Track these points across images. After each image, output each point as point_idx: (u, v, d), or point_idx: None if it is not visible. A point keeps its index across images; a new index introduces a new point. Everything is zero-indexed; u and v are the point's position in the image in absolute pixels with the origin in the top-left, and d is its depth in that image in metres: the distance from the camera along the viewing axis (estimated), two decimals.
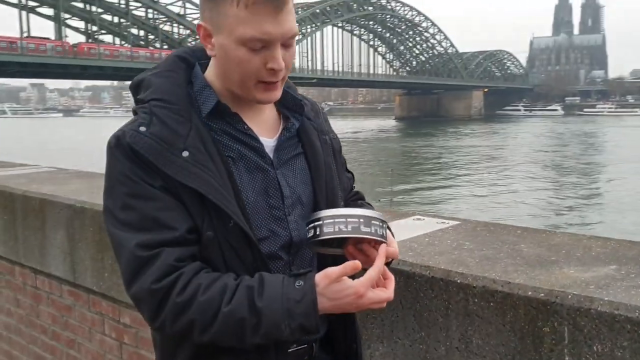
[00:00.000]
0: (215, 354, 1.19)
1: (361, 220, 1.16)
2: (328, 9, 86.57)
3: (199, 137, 1.19)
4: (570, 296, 1.40)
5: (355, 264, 1.11)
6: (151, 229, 1.13)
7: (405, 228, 2.11)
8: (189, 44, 66.11)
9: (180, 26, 68.33)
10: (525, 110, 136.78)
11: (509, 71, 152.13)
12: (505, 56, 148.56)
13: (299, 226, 1.26)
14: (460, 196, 26.03)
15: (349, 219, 1.16)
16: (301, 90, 1.42)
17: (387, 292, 1.15)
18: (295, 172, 1.31)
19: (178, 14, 66.14)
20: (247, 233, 1.17)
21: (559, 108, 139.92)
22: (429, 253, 1.75)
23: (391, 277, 1.19)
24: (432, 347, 1.65)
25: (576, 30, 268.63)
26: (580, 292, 1.40)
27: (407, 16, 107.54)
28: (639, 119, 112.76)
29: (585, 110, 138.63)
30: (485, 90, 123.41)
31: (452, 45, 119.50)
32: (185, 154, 1.16)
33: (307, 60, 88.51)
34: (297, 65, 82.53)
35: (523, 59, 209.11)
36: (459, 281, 1.57)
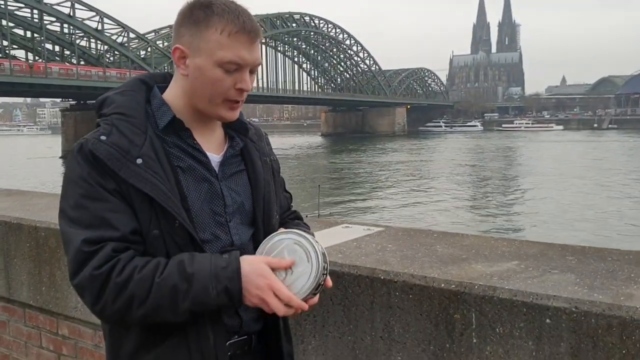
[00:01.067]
0: (158, 343, 1.34)
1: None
2: None
3: (152, 148, 1.35)
4: (476, 286, 1.62)
5: (284, 262, 1.31)
6: (98, 227, 1.27)
7: (334, 235, 2.30)
8: (107, 60, 64.85)
9: (98, 42, 66.08)
10: (446, 126, 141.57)
11: (430, 88, 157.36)
12: (427, 74, 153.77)
13: (239, 231, 1.44)
14: (385, 207, 27.00)
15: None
16: None
17: (291, 296, 1.28)
18: (237, 185, 1.49)
19: (95, 29, 63.89)
20: (191, 233, 1.34)
21: (478, 124, 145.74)
22: (356, 255, 1.94)
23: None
24: (359, 338, 1.84)
25: (494, 49, 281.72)
26: (485, 283, 1.62)
27: (331, 34, 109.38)
28: (554, 133, 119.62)
29: (503, 125, 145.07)
30: (408, 107, 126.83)
31: (375, 62, 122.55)
32: (139, 161, 1.31)
33: None
34: None
35: (443, 76, 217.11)
36: (382, 277, 1.77)
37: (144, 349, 1.36)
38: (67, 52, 66.07)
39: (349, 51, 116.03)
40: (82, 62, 64.63)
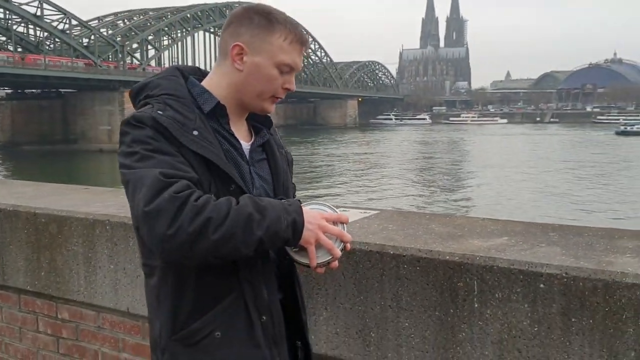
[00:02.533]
0: (214, 304, 1.47)
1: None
2: (199, 13, 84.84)
3: (203, 124, 1.51)
4: (478, 258, 1.84)
5: (334, 215, 1.54)
6: (171, 168, 1.37)
7: None
8: (47, 47, 61.86)
9: (37, 28, 63.11)
10: (396, 119, 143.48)
11: (381, 81, 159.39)
12: (377, 67, 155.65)
13: None
14: (348, 195, 27.65)
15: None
16: None
17: (341, 231, 1.52)
18: (262, 171, 1.67)
19: (34, 15, 60.77)
20: (246, 191, 1.50)
21: (427, 117, 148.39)
22: (363, 234, 2.14)
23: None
24: (369, 308, 2.04)
25: (442, 43, 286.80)
26: (485, 254, 1.85)
27: (297, 24, 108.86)
28: (499, 127, 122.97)
29: (451, 119, 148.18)
30: (360, 99, 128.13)
31: (326, 54, 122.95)
32: (195, 132, 1.47)
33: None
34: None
35: (393, 70, 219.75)
36: (391, 252, 1.97)
37: (199, 311, 1.47)
38: (3, 39, 63.12)
39: None
40: (19, 50, 61.84)
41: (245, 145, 1.64)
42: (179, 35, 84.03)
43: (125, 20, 79.33)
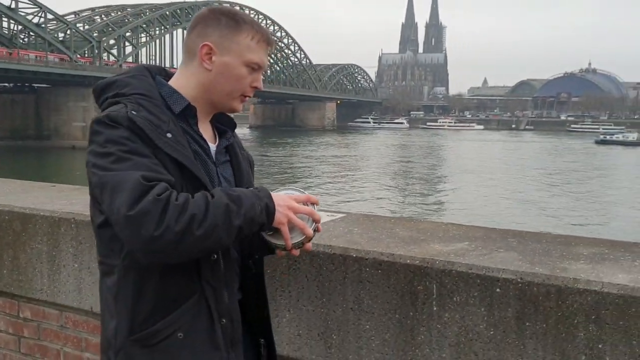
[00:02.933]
0: (175, 308, 1.48)
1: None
2: (178, 11, 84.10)
3: (175, 126, 1.52)
4: (437, 262, 1.88)
5: (302, 196, 1.59)
6: (150, 171, 1.38)
7: None
8: (21, 41, 60.43)
9: (11, 21, 61.72)
10: (374, 122, 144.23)
11: (359, 84, 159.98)
12: (356, 70, 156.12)
13: None
14: (323, 198, 27.78)
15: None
16: None
17: (311, 210, 1.57)
18: (226, 173, 1.70)
19: (8, 7, 58.99)
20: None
21: (404, 121, 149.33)
22: (327, 237, 2.15)
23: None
24: (332, 310, 2.06)
25: (421, 49, 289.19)
26: (445, 259, 1.88)
27: (262, 25, 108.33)
28: (475, 133, 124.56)
29: (428, 123, 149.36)
30: (338, 102, 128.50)
31: (306, 56, 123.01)
32: (169, 135, 1.48)
33: (156, 64, 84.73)
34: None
35: (372, 73, 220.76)
36: (354, 255, 2.00)
37: (161, 312, 1.47)
38: None
39: (280, 43, 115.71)
40: None
41: (212, 146, 1.66)
42: (157, 32, 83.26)
43: (103, 16, 78.48)
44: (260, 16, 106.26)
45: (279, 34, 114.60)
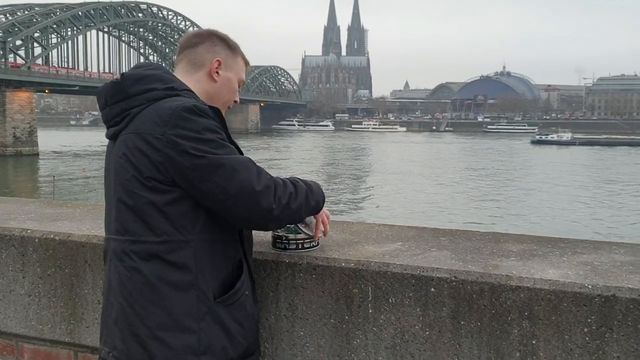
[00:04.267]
0: (236, 269, 1.74)
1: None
2: (92, 12, 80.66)
3: None
4: (372, 263, 1.84)
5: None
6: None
7: None
8: None
9: None
10: (299, 125, 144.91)
11: (283, 87, 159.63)
12: (280, 72, 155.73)
13: None
14: None
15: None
16: (62, 98, 1.96)
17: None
18: None
19: None
20: None
21: (330, 124, 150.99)
22: (258, 242, 2.07)
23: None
24: (264, 318, 1.98)
25: (344, 52, 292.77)
26: (379, 260, 1.85)
27: (180, 26, 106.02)
28: (398, 134, 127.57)
29: (353, 126, 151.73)
30: (262, 104, 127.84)
31: None
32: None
33: (68, 66, 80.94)
34: (54, 71, 74.74)
35: (296, 75, 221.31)
36: (287, 261, 1.93)
37: (234, 276, 1.71)
38: None
39: None
40: None
41: None
42: (70, 34, 79.51)
43: (8, 15, 73.99)
44: (179, 17, 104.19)
45: None
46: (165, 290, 1.61)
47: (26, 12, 74.39)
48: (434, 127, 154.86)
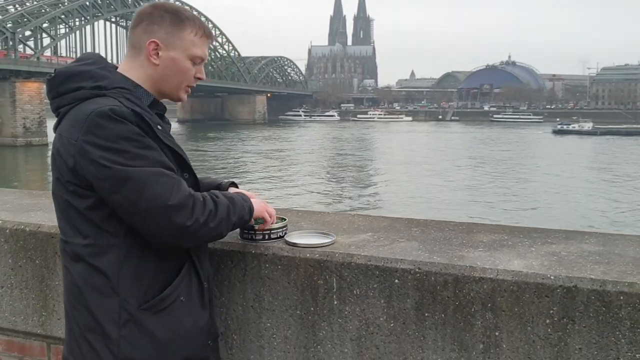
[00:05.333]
0: (171, 272, 1.65)
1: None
2: (99, 2, 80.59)
3: (155, 118, 1.65)
4: (337, 254, 1.82)
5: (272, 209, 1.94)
6: (165, 167, 1.55)
7: None
8: None
9: None
10: (305, 115, 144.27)
11: (290, 77, 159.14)
12: (286, 62, 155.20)
13: None
14: (260, 193, 27.55)
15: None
16: None
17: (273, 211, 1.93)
18: None
19: None
20: (197, 179, 1.77)
21: (335, 114, 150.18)
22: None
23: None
24: (232, 309, 1.97)
25: (350, 41, 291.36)
26: (344, 251, 1.83)
27: (202, 19, 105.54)
28: (404, 124, 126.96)
29: (358, 116, 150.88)
30: (269, 95, 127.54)
31: (234, 48, 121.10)
32: (159, 127, 1.62)
33: (76, 57, 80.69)
34: (62, 61, 74.88)
35: (302, 66, 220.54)
36: (253, 251, 1.91)
37: (165, 280, 1.62)
38: None
39: None
40: None
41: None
42: (77, 24, 79.52)
43: (17, 6, 74.16)
44: (187, 7, 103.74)
45: None
46: (90, 293, 1.59)
47: (35, 3, 74.39)
48: (440, 117, 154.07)
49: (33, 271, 2.26)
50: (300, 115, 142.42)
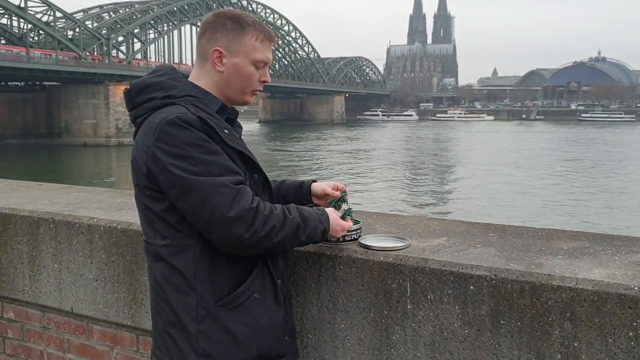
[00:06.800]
0: (245, 270, 1.70)
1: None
2: (186, 7, 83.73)
3: (223, 123, 1.71)
4: (411, 259, 1.83)
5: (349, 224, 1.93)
6: (232, 173, 1.60)
7: None
8: (31, 39, 60.39)
9: (21, 20, 61.59)
10: (383, 115, 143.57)
11: (368, 77, 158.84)
12: (365, 63, 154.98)
13: None
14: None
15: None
16: None
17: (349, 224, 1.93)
18: None
19: (18, 6, 58.91)
20: (268, 179, 1.81)
21: (414, 113, 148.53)
22: None
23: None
24: (307, 309, 2.02)
25: (429, 40, 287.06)
26: (418, 255, 1.83)
27: (269, 19, 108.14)
28: (485, 123, 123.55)
29: (437, 115, 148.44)
30: (347, 95, 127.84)
31: (313, 50, 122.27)
32: (226, 131, 1.68)
33: (165, 60, 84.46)
34: (152, 65, 78.32)
35: (381, 66, 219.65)
36: (328, 253, 1.95)
37: (239, 278, 1.68)
38: None
39: (288, 37, 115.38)
40: (2, 42, 60.61)
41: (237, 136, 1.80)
42: (165, 28, 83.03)
43: (111, 13, 78.37)
44: (268, 10, 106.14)
45: (286, 28, 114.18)
46: (170, 291, 1.68)
47: (127, 10, 78.44)
48: (523, 116, 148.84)
49: (124, 266, 2.41)
50: (377, 115, 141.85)
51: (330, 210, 1.85)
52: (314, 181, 2.08)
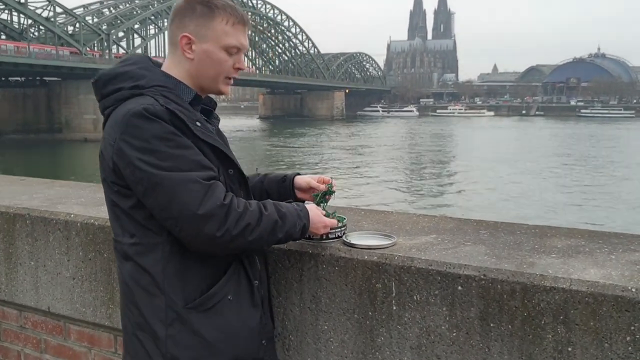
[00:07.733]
0: (218, 271, 1.61)
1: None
2: None
3: (195, 115, 1.60)
4: (396, 257, 1.73)
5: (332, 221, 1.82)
6: (201, 169, 1.50)
7: None
8: (31, 35, 60.51)
9: (21, 15, 61.41)
10: (383, 111, 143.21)
11: (368, 73, 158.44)
12: (365, 58, 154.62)
13: None
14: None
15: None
16: None
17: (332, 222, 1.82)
18: None
19: (18, 2, 58.81)
20: (244, 175, 1.70)
21: (414, 109, 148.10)
22: None
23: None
24: (289, 310, 1.92)
25: (430, 35, 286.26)
26: (404, 254, 1.74)
27: (269, 15, 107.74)
28: (485, 119, 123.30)
29: (438, 111, 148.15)
30: (347, 91, 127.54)
31: (314, 45, 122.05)
32: (198, 123, 1.58)
33: (164, 56, 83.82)
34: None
35: (381, 61, 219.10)
36: (310, 251, 1.86)
37: (212, 279, 1.58)
38: None
39: (288, 33, 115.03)
40: (2, 37, 60.43)
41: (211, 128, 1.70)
42: (166, 24, 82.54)
43: (111, 9, 78.12)
44: (268, 5, 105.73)
45: (286, 23, 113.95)
46: (138, 292, 1.59)
47: (127, 5, 78.19)
48: (523, 111, 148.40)
49: (101, 264, 2.32)
50: (378, 111, 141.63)
51: (310, 206, 1.75)
52: (298, 174, 1.97)
